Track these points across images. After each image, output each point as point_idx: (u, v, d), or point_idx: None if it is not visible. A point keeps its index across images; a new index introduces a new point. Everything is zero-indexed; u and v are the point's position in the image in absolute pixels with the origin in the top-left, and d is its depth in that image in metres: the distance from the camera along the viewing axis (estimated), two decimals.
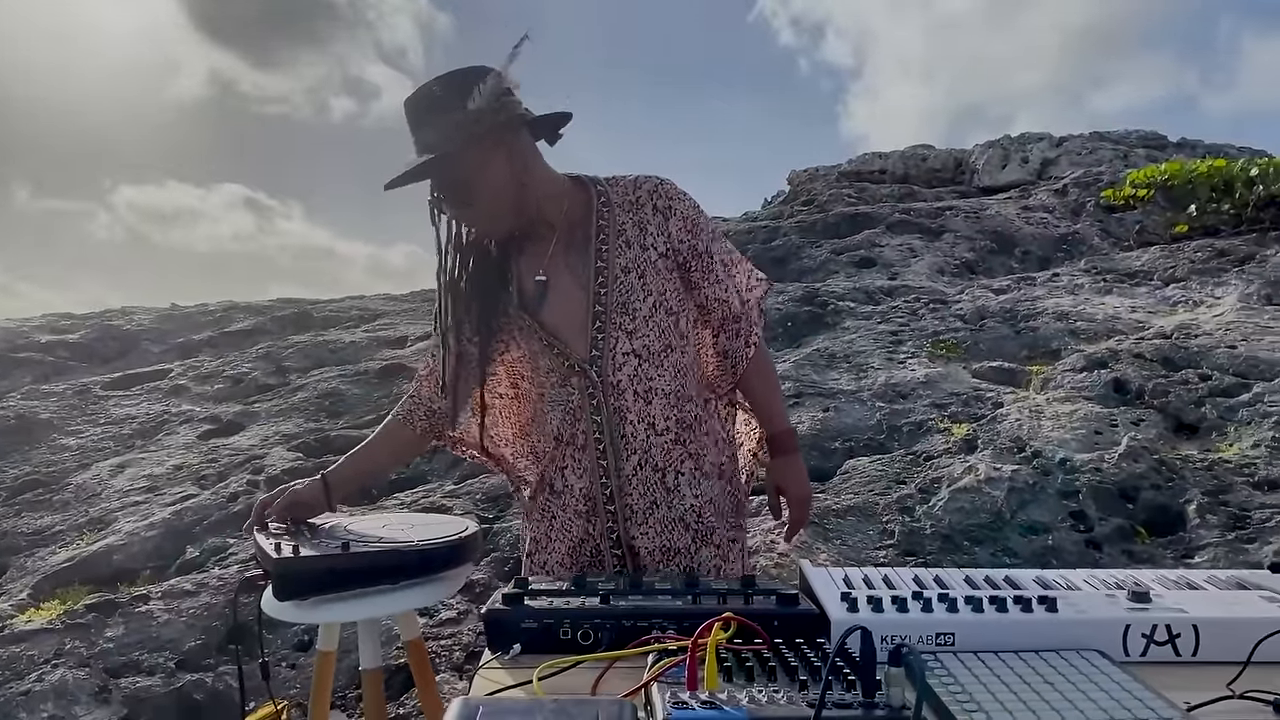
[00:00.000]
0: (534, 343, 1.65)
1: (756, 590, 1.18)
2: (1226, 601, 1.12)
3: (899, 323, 5.58)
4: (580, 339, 1.62)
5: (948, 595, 1.12)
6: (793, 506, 1.77)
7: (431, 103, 1.53)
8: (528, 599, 1.15)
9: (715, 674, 0.87)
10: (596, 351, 1.61)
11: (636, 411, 1.63)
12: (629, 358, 1.63)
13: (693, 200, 1.70)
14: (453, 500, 3.88)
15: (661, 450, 1.65)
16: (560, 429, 1.66)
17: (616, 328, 1.62)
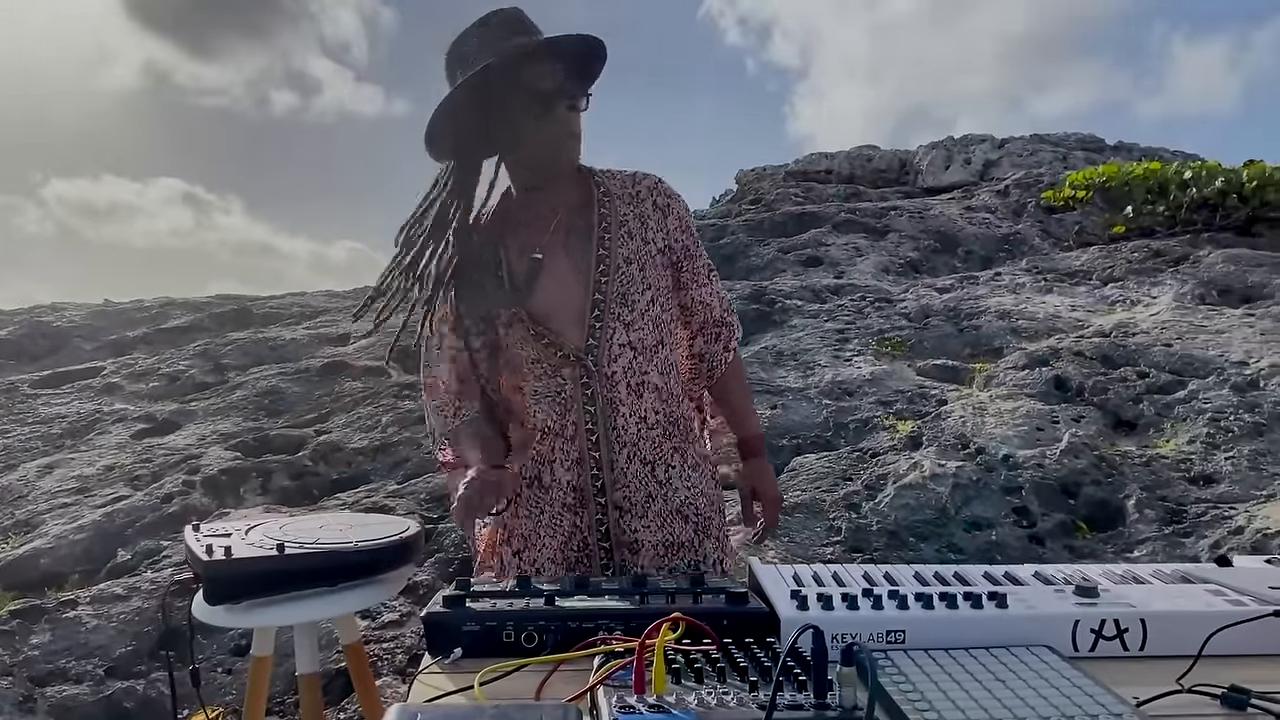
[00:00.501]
0: (519, 331, 1.60)
1: (706, 589, 1.15)
2: (1172, 595, 1.12)
3: (845, 321, 5.61)
4: (576, 328, 1.60)
5: (898, 593, 1.10)
6: (767, 508, 1.77)
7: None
8: (469, 601, 1.11)
9: (663, 676, 0.84)
10: (594, 341, 1.59)
11: (629, 405, 1.62)
12: (625, 349, 1.61)
13: (685, 201, 1.73)
14: (396, 500, 3.81)
15: (651, 444, 1.64)
16: (547, 420, 1.62)
17: (615, 319, 1.60)
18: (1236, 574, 1.18)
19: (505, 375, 1.65)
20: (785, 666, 0.86)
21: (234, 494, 4.08)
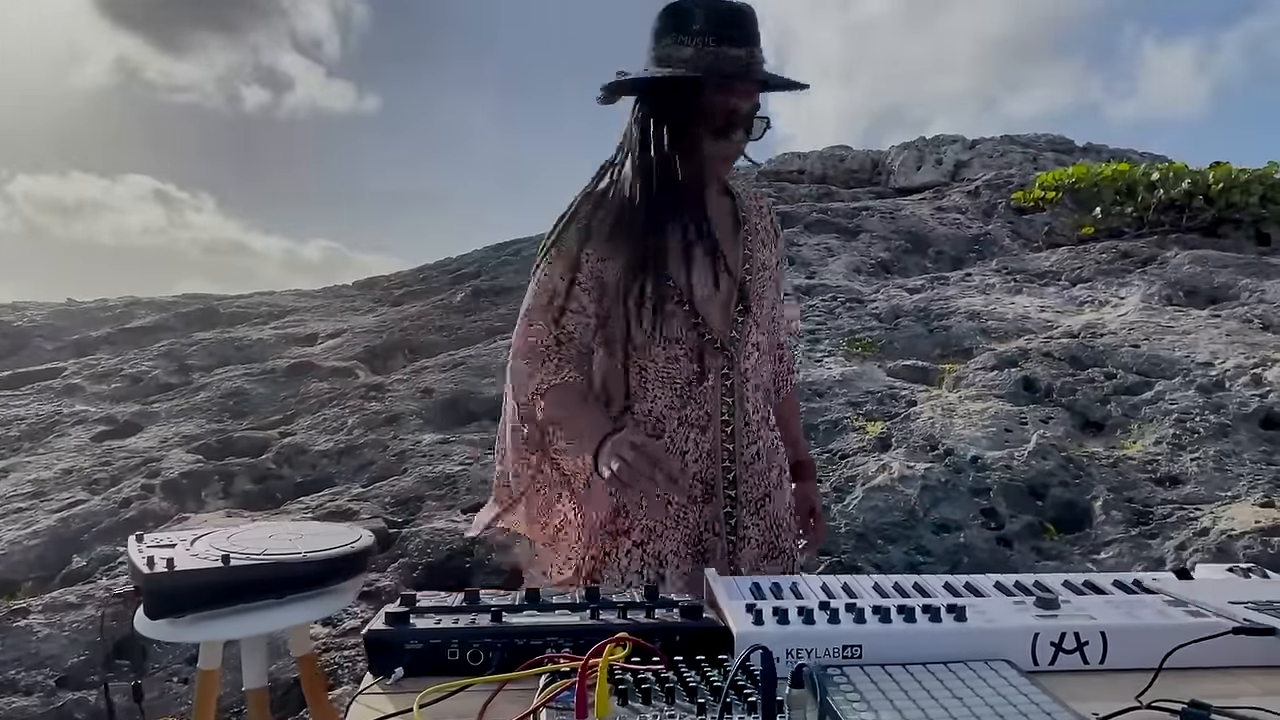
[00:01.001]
0: (670, 307, 1.57)
1: (659, 602, 1.12)
2: (1132, 608, 1.11)
3: (816, 321, 5.61)
4: (722, 318, 1.62)
5: (854, 606, 1.08)
6: (818, 525, 1.85)
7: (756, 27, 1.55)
8: (413, 617, 1.07)
9: (606, 699, 0.81)
10: (735, 335, 1.62)
11: (753, 402, 1.65)
12: (754, 349, 1.65)
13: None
14: (360, 504, 3.76)
15: (770, 445, 1.69)
16: (682, 409, 1.59)
17: (752, 317, 1.64)
18: (1196, 586, 1.16)
19: (632, 350, 1.60)
20: (735, 687, 0.83)
21: (195, 498, 4.00)
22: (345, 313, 7.80)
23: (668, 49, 1.52)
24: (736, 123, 1.54)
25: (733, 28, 1.50)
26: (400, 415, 4.84)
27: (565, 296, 1.57)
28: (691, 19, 1.50)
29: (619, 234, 1.55)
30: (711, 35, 1.49)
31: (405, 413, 4.88)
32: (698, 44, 1.50)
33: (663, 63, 1.53)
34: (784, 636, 1.02)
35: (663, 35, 1.53)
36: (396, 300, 8.21)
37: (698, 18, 1.50)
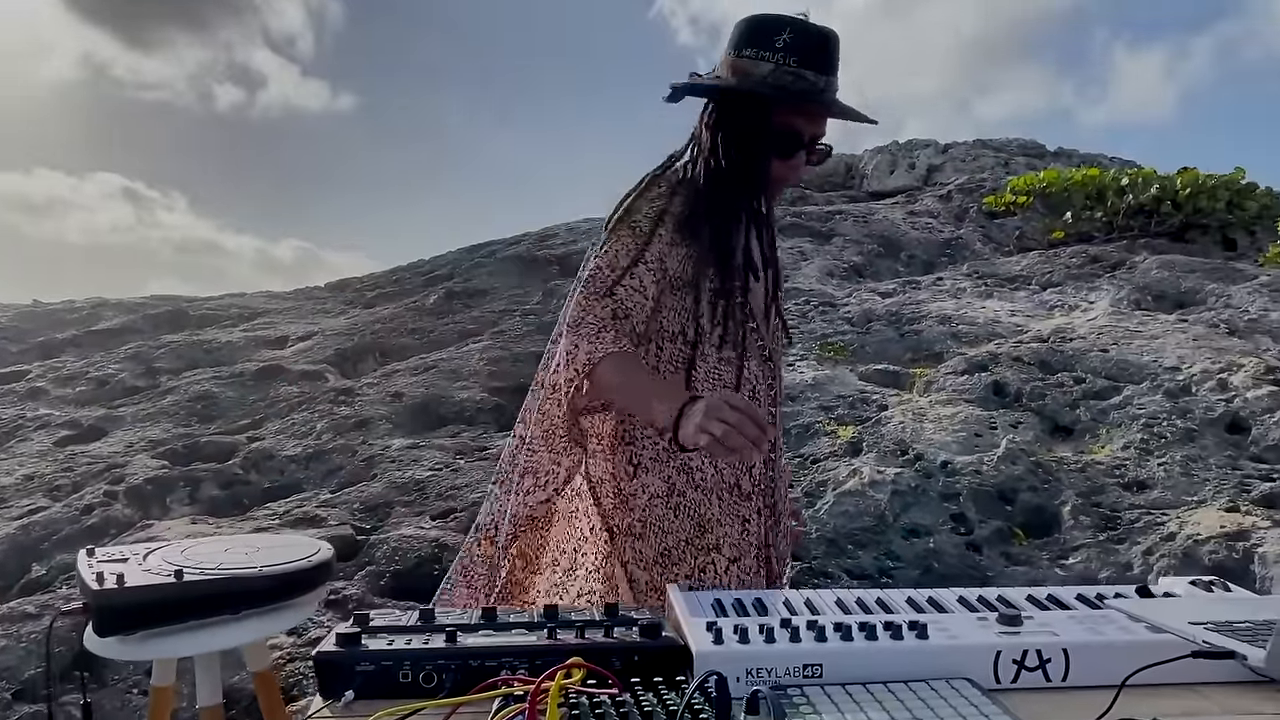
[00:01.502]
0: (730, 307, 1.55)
1: (618, 620, 1.10)
2: (1095, 625, 1.10)
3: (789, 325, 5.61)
4: (765, 325, 1.62)
5: (816, 624, 1.06)
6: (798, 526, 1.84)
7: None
8: (365, 637, 1.04)
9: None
10: (775, 345, 1.64)
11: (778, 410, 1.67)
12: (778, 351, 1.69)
13: None
14: (328, 510, 3.71)
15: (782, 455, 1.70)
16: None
17: (781, 324, 1.67)
18: (1159, 605, 1.16)
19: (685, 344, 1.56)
20: (692, 711, 0.82)
21: (159, 504, 3.94)
22: (316, 315, 7.72)
23: (747, 61, 1.50)
24: (801, 146, 1.53)
25: (815, 52, 1.49)
26: (370, 420, 4.80)
27: (627, 273, 1.51)
28: (776, 35, 1.49)
29: (695, 223, 1.52)
30: (794, 56, 1.48)
31: (375, 417, 4.83)
32: (778, 61, 1.48)
33: (740, 74, 1.51)
34: (744, 656, 1.00)
35: (744, 45, 1.51)
36: (368, 302, 8.14)
37: (783, 36, 1.48)
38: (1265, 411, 4.14)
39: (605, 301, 1.50)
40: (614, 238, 1.54)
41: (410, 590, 3.02)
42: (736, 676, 0.99)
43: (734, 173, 1.53)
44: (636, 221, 1.53)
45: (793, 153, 1.53)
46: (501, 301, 7.45)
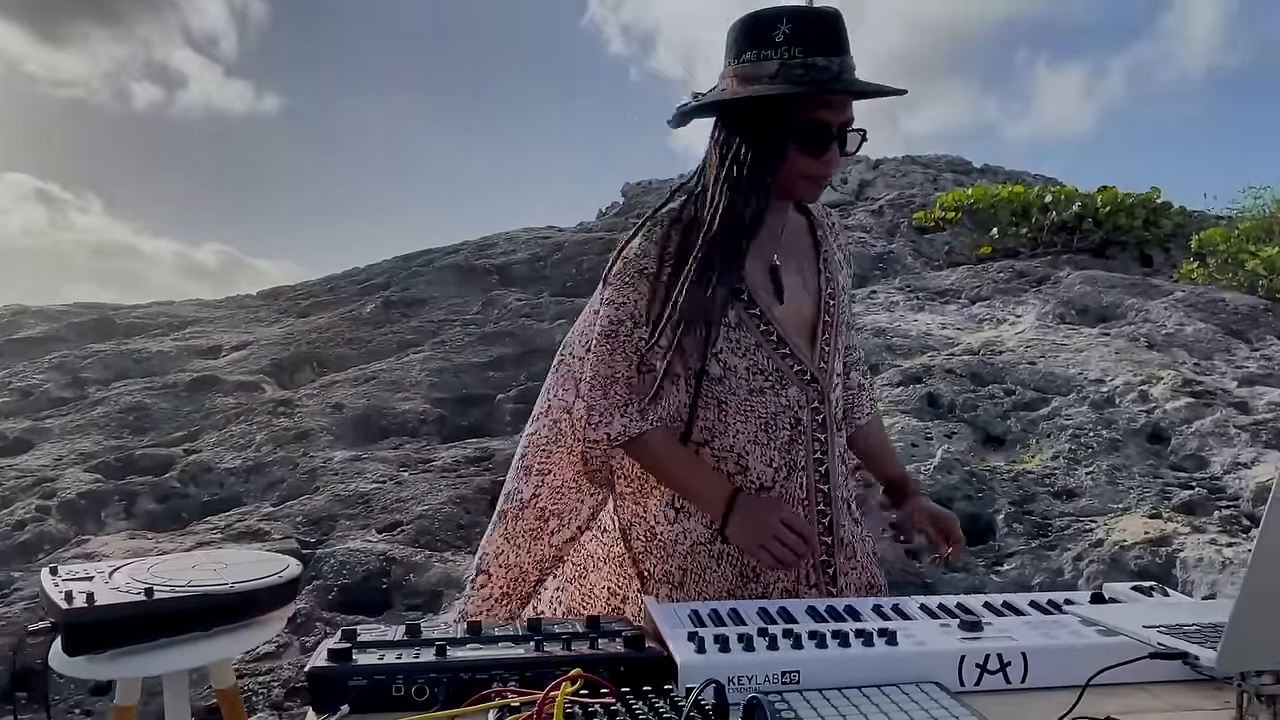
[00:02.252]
0: (752, 335, 1.46)
1: (601, 632, 1.14)
2: (1050, 629, 1.17)
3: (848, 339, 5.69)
4: (809, 346, 1.51)
5: (792, 632, 1.11)
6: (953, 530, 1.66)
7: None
8: (356, 653, 1.06)
9: None
10: (823, 365, 1.51)
11: (838, 437, 1.56)
12: (838, 379, 1.56)
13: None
14: (270, 524, 3.66)
15: (845, 478, 1.60)
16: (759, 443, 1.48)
17: (834, 345, 1.54)
18: (1111, 610, 1.23)
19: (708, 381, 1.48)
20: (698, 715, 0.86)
21: (94, 519, 3.85)
22: (250, 324, 7.59)
23: (749, 65, 1.40)
24: (830, 138, 1.42)
25: (820, 36, 1.38)
26: (310, 431, 4.74)
27: (637, 324, 1.45)
28: (774, 30, 1.38)
29: (698, 259, 1.42)
30: (798, 46, 1.37)
31: (315, 429, 4.77)
32: (783, 56, 1.37)
33: (745, 80, 1.41)
34: (726, 664, 1.05)
35: (743, 50, 1.41)
36: (303, 311, 8.02)
37: (781, 28, 1.38)
38: (1183, 422, 4.34)
39: (630, 359, 1.46)
40: (616, 288, 1.48)
41: (359, 605, 3.00)
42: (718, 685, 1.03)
43: (751, 189, 1.42)
44: (636, 267, 1.47)
45: (824, 147, 1.41)
46: (441, 311, 7.41)
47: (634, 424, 1.47)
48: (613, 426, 1.47)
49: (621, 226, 9.43)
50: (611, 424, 1.47)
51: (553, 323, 6.51)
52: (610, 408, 1.47)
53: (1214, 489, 3.76)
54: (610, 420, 1.47)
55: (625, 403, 1.46)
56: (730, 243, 1.42)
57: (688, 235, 1.46)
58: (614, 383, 1.47)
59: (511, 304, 7.18)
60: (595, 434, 1.48)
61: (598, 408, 1.47)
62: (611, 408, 1.47)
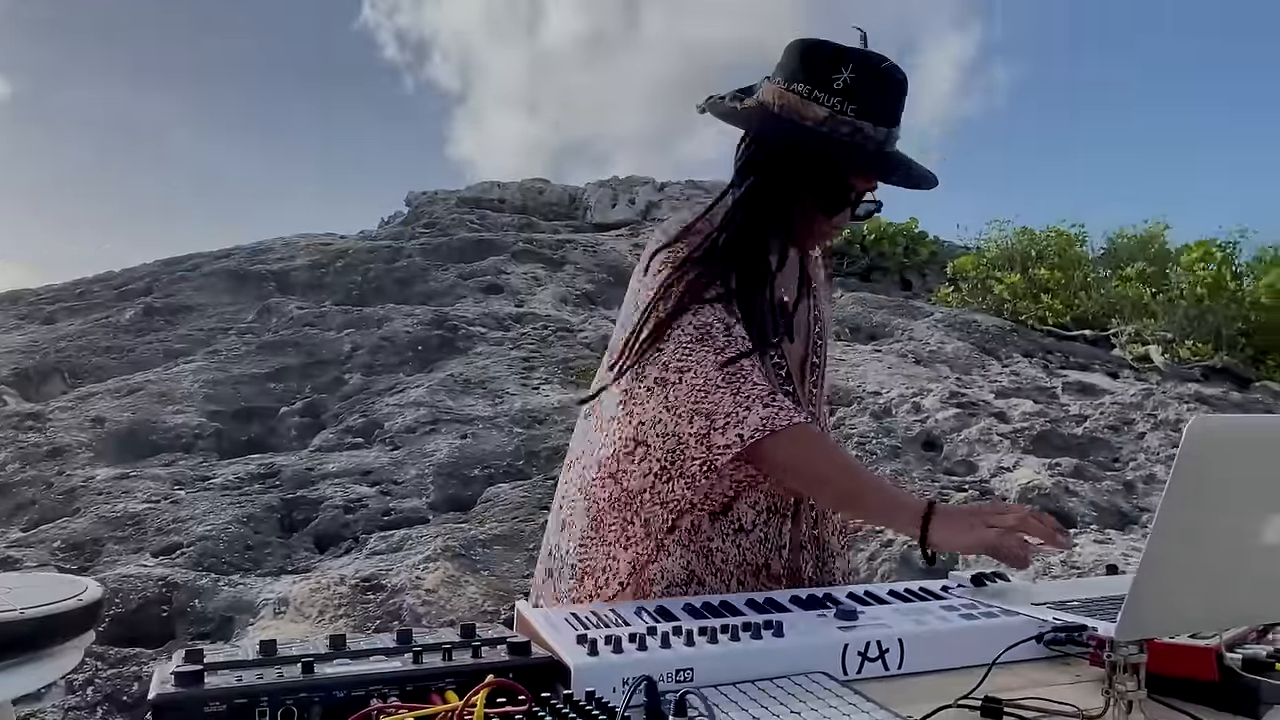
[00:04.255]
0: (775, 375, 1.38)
1: (482, 641, 1.06)
2: (919, 615, 1.20)
3: (530, 349, 5.64)
4: (801, 383, 1.42)
5: (681, 629, 1.08)
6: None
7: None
8: (207, 675, 0.93)
9: None
10: (813, 408, 1.43)
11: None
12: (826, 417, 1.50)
13: None
14: (23, 550, 3.24)
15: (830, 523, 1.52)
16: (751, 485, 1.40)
17: (820, 387, 1.47)
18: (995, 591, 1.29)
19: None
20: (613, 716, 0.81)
21: None
22: None
23: (797, 99, 1.31)
24: (849, 203, 1.36)
25: (880, 99, 1.30)
26: (66, 447, 4.25)
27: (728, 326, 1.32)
28: (835, 74, 1.28)
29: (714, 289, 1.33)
30: (853, 103, 1.28)
31: (72, 445, 4.29)
32: (835, 106, 1.29)
33: (788, 111, 1.31)
34: (621, 664, 1.00)
35: (796, 77, 1.31)
36: (48, 317, 7.24)
37: (843, 75, 1.28)
38: (953, 430, 4.71)
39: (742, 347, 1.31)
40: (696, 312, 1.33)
41: (137, 636, 2.71)
42: (613, 686, 0.98)
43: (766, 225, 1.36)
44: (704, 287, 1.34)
45: (838, 210, 1.36)
46: (211, 319, 6.90)
47: (783, 413, 1.25)
48: (747, 422, 1.24)
49: (408, 235, 9.17)
50: (747, 419, 1.24)
51: (340, 332, 6.21)
52: (741, 404, 1.26)
53: (984, 490, 4.09)
54: (744, 416, 1.25)
55: (765, 394, 1.26)
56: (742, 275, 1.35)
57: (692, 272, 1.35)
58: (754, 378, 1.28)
59: (293, 312, 6.79)
60: (725, 437, 1.26)
61: (721, 410, 1.26)
62: (744, 403, 1.26)
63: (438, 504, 3.81)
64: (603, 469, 1.40)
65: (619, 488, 1.39)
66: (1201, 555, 0.81)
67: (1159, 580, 0.79)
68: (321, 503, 3.78)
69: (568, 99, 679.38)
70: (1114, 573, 1.37)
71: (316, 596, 2.80)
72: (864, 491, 1.32)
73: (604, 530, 1.41)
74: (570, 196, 13.08)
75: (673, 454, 1.33)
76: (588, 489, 1.43)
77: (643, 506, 1.37)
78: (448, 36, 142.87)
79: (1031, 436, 4.64)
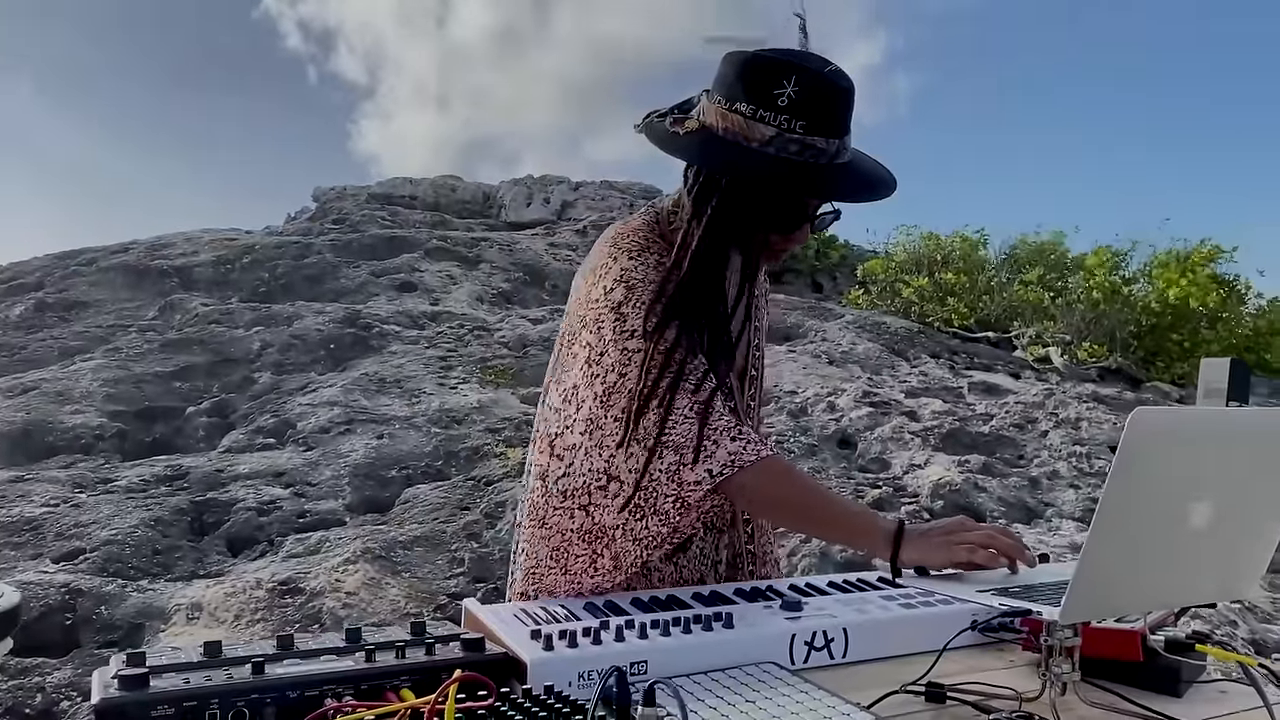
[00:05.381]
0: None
1: (436, 638, 1.04)
2: (861, 604, 1.23)
3: (447, 348, 5.57)
4: (741, 397, 1.38)
5: (634, 622, 1.09)
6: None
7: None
8: (153, 677, 0.90)
9: None
10: (750, 419, 1.40)
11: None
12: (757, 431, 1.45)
13: None
14: None
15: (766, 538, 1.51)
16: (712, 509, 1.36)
17: (757, 399, 1.44)
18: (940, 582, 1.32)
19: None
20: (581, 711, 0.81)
21: None
22: None
23: (740, 119, 1.26)
24: (806, 219, 1.33)
25: (827, 111, 1.25)
26: None
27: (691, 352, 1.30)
28: (779, 89, 1.23)
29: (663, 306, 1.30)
30: (800, 119, 1.23)
31: None
32: (781, 125, 1.24)
33: (732, 134, 1.26)
34: (576, 659, 1.00)
35: (738, 94, 1.26)
36: None
37: (786, 90, 1.23)
38: (866, 429, 4.82)
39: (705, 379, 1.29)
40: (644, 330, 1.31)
41: (42, 646, 2.58)
42: (569, 680, 0.99)
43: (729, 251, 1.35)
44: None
45: (796, 228, 1.33)
46: (110, 316, 6.63)
47: (750, 446, 1.25)
48: (716, 458, 1.25)
49: (317, 231, 8.95)
50: (715, 455, 1.25)
51: (248, 330, 6.03)
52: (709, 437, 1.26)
53: (897, 487, 4.20)
54: (713, 451, 1.25)
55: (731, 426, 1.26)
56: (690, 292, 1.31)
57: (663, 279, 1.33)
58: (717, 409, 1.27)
59: (197, 309, 6.57)
60: (695, 473, 1.25)
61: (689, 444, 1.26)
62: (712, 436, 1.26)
63: (355, 505, 3.73)
64: (570, 499, 1.37)
65: (590, 520, 1.35)
66: (1139, 541, 0.85)
67: (1100, 566, 0.83)
68: (233, 505, 3.66)
69: (478, 95, 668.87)
70: (1045, 561, 1.43)
71: (232, 600, 2.71)
72: (832, 518, 1.35)
73: (568, 561, 1.37)
74: (484, 194, 12.96)
75: (645, 491, 1.29)
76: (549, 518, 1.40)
77: (614, 541, 1.32)
78: (354, 27, 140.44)
79: (941, 435, 4.79)
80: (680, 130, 1.29)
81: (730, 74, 1.27)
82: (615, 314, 1.31)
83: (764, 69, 1.24)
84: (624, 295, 1.31)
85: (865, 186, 1.31)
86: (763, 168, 1.25)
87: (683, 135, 1.29)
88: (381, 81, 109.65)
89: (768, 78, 1.24)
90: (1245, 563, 0.96)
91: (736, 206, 1.30)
